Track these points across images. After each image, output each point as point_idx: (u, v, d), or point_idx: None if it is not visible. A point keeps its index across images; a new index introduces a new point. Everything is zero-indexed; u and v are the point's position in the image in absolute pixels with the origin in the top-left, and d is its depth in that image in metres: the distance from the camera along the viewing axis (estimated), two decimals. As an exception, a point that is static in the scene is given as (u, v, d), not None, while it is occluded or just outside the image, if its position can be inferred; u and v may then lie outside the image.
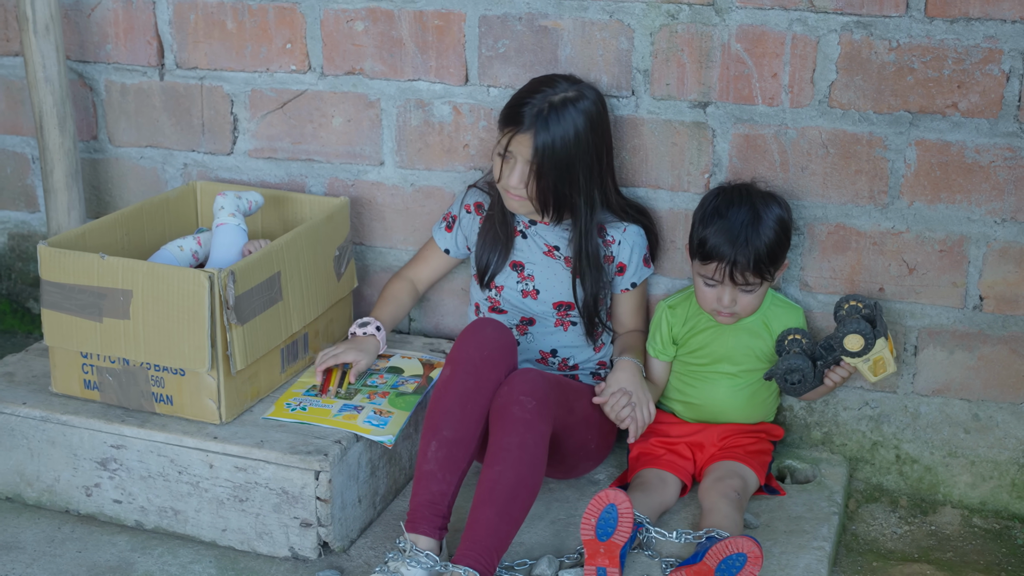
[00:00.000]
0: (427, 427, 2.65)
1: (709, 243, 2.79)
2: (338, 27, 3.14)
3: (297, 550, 2.69)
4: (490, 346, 2.72)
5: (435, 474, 2.61)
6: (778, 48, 2.86)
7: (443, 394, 2.67)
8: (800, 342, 2.88)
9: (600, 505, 2.58)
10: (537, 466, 2.61)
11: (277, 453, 2.64)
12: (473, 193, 3.05)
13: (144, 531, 2.81)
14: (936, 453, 3.05)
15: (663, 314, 3.00)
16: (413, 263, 3.15)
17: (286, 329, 2.88)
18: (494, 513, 2.54)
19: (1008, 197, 2.83)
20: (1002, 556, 2.92)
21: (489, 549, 2.52)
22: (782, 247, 2.82)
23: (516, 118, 2.78)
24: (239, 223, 2.93)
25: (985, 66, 2.75)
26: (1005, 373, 2.95)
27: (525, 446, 2.59)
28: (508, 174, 2.82)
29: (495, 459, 2.59)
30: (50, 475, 2.85)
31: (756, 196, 2.82)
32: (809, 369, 2.83)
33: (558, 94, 2.78)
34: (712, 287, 2.84)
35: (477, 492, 2.58)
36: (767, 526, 2.83)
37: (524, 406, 2.62)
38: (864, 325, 2.77)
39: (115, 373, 2.78)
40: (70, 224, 3.30)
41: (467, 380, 2.67)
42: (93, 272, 2.71)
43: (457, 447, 2.63)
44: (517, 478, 2.57)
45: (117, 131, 3.42)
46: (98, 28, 3.33)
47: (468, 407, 2.65)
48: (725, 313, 2.85)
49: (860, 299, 2.85)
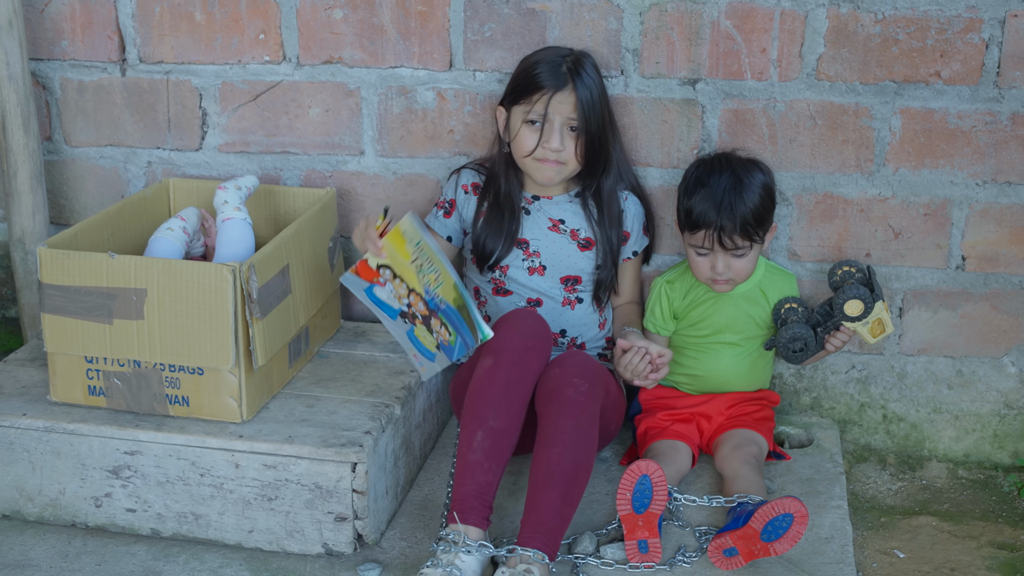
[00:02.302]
0: (471, 417, 2.62)
1: (695, 212, 2.84)
2: (315, 15, 3.08)
3: (331, 546, 2.64)
4: (533, 336, 2.71)
5: (481, 464, 2.58)
6: (767, 23, 2.93)
7: (488, 384, 2.64)
8: (796, 310, 2.96)
9: (633, 478, 2.60)
10: (592, 447, 2.62)
11: (310, 448, 2.58)
12: (467, 174, 3.03)
13: (162, 539, 2.71)
14: (921, 410, 3.18)
15: (661, 289, 3.04)
16: None
17: (295, 323, 2.82)
18: (557, 496, 2.53)
19: (988, 160, 2.96)
20: (994, 503, 3.05)
21: (553, 531, 2.52)
22: (767, 208, 2.88)
23: (550, 79, 2.81)
24: (244, 216, 2.86)
25: (966, 35, 2.88)
26: (986, 329, 3.09)
27: (580, 427, 2.60)
28: (547, 139, 2.82)
29: (551, 441, 2.59)
30: (54, 488, 2.72)
31: (736, 162, 2.89)
32: (811, 336, 2.90)
33: (568, 53, 2.86)
34: (704, 255, 2.89)
35: (533, 475, 2.57)
36: (782, 490, 2.90)
37: (578, 388, 2.63)
38: (863, 290, 2.85)
39: (124, 377, 2.67)
40: (35, 228, 3.15)
41: (512, 371, 2.65)
42: (102, 272, 2.60)
43: (502, 437, 2.61)
44: (575, 460, 2.57)
45: (74, 131, 3.28)
46: (52, 24, 3.18)
47: (512, 397, 2.63)
48: (721, 280, 2.91)
49: (852, 263, 2.95)
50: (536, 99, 2.82)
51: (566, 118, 2.82)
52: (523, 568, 2.45)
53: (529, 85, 2.83)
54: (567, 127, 2.83)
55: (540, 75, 2.82)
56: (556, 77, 2.81)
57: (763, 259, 3.03)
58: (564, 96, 2.81)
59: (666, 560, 2.63)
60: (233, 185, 2.92)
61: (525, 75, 2.85)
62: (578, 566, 2.60)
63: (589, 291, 3.00)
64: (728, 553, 2.58)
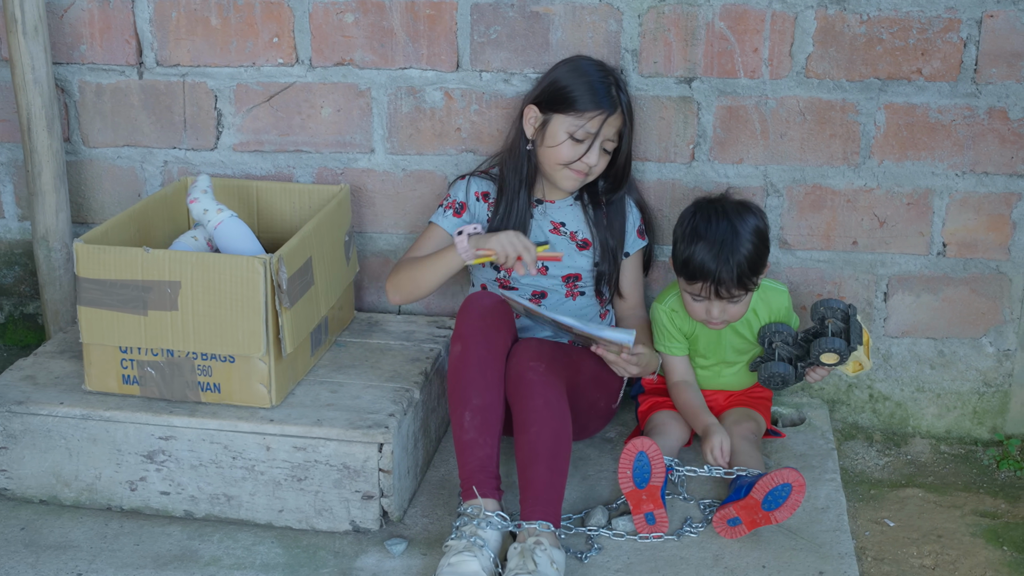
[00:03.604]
0: (455, 401, 2.79)
1: (692, 264, 2.90)
2: (327, 20, 3.22)
3: (359, 523, 2.78)
4: (491, 314, 2.87)
5: (476, 441, 2.75)
6: (759, 25, 3.10)
7: (461, 367, 2.80)
8: (783, 345, 3.03)
9: (631, 456, 2.77)
10: (566, 418, 2.78)
11: (339, 430, 2.73)
12: (477, 182, 3.14)
13: (195, 520, 2.84)
14: (905, 389, 3.36)
15: (667, 317, 3.09)
16: (416, 252, 3.09)
17: (317, 313, 2.96)
18: (544, 468, 2.70)
19: (967, 152, 3.14)
20: (975, 476, 3.24)
21: (551, 501, 2.68)
22: (762, 257, 2.93)
23: (606, 100, 2.95)
24: (230, 213, 2.98)
25: (946, 34, 3.06)
26: (966, 311, 3.28)
27: (549, 403, 2.76)
28: (588, 155, 2.96)
29: (527, 422, 2.75)
30: (90, 473, 2.85)
31: (731, 210, 2.93)
32: (791, 374, 3.01)
33: (609, 71, 3.01)
34: (700, 301, 2.97)
35: (519, 457, 2.74)
36: (778, 464, 3.06)
37: (536, 370, 2.79)
38: (839, 343, 2.92)
39: (157, 366, 2.81)
40: (58, 226, 3.28)
41: (479, 349, 2.81)
42: (137, 266, 2.73)
43: (489, 412, 2.77)
44: (553, 432, 2.73)
45: (92, 132, 3.40)
46: (71, 29, 3.31)
47: (487, 373, 2.79)
48: (716, 323, 3.01)
49: (834, 304, 3.00)
50: (591, 117, 2.94)
51: (606, 139, 2.98)
52: (533, 541, 2.61)
53: (582, 101, 2.95)
54: (603, 146, 2.99)
55: (598, 95, 2.95)
56: (609, 99, 2.96)
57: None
58: (613, 119, 2.97)
59: (673, 531, 2.80)
60: (200, 192, 3.03)
61: (578, 89, 2.95)
62: (591, 538, 2.77)
63: (590, 286, 3.15)
64: (732, 523, 2.75)
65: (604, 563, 2.69)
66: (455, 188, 3.17)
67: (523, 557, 2.56)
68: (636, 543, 2.76)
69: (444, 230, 3.13)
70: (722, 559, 2.70)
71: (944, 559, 2.85)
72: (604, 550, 2.73)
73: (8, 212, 3.53)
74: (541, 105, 3.00)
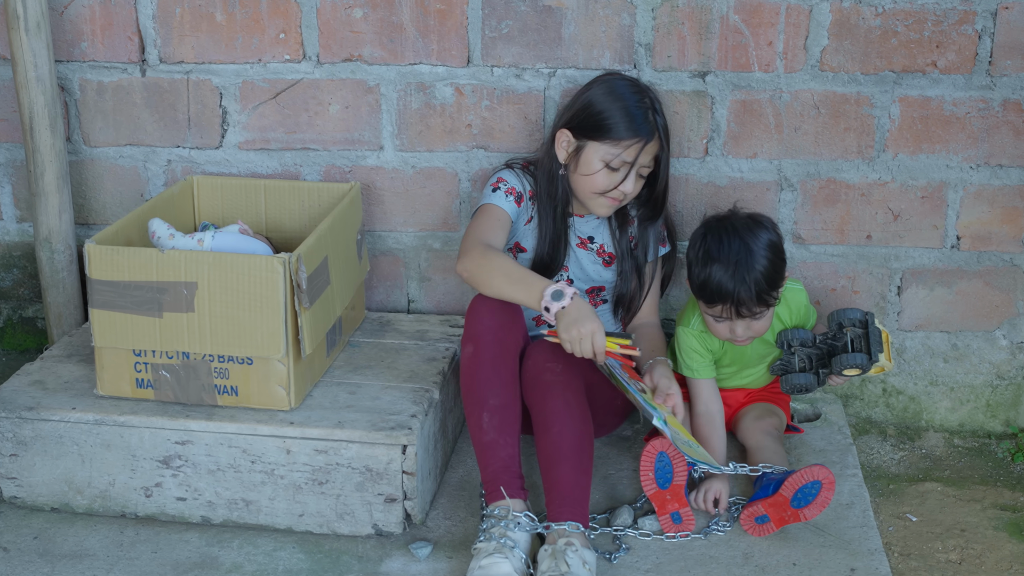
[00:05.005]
0: (471, 402, 2.74)
1: (709, 288, 2.83)
2: (335, 15, 3.17)
3: (381, 526, 2.73)
4: (501, 313, 2.81)
5: (497, 441, 2.71)
6: (773, 18, 3.08)
7: (475, 368, 2.76)
8: (802, 349, 3.00)
9: (652, 456, 2.74)
10: (586, 418, 2.74)
11: (361, 432, 2.68)
12: (528, 180, 3.03)
13: (212, 526, 2.78)
14: (919, 383, 3.35)
15: (697, 341, 3.01)
16: (488, 230, 2.89)
17: (333, 313, 2.91)
18: (569, 468, 2.66)
19: (982, 144, 3.13)
20: (990, 469, 3.24)
21: (578, 501, 2.64)
22: (779, 271, 2.86)
23: (644, 128, 2.85)
24: (210, 233, 2.85)
25: (960, 26, 3.05)
26: (979, 304, 3.27)
27: (569, 404, 2.72)
28: (626, 183, 2.88)
29: (548, 424, 2.71)
30: (103, 480, 2.78)
31: (742, 227, 2.85)
32: (813, 383, 3.00)
33: (645, 92, 2.91)
34: (722, 322, 2.90)
35: (541, 458, 2.70)
36: (799, 460, 3.05)
37: (553, 371, 2.75)
38: (861, 359, 2.89)
39: (172, 369, 2.75)
40: (61, 227, 3.21)
41: (492, 348, 2.77)
42: (152, 267, 2.67)
43: (506, 411, 2.73)
44: (575, 432, 2.69)
45: (93, 131, 3.33)
46: (72, 26, 3.23)
47: (502, 372, 2.75)
48: (741, 340, 2.94)
49: (852, 314, 2.95)
50: (627, 146, 2.85)
51: (642, 166, 2.90)
52: (564, 542, 2.57)
53: (618, 128, 2.85)
54: (639, 172, 2.91)
55: (635, 121, 2.85)
56: (647, 125, 2.86)
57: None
58: (651, 147, 2.88)
59: (699, 529, 2.77)
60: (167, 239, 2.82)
61: (614, 116, 2.86)
62: (619, 538, 2.73)
63: (611, 298, 3.12)
64: (760, 520, 2.73)
65: (633, 563, 2.66)
66: (508, 175, 3.01)
67: (555, 559, 2.52)
68: (664, 543, 2.73)
69: (507, 212, 2.96)
70: (752, 557, 2.67)
71: (969, 553, 2.84)
72: (632, 550, 2.70)
73: (7, 214, 3.44)
74: (575, 130, 2.90)
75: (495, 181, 3.00)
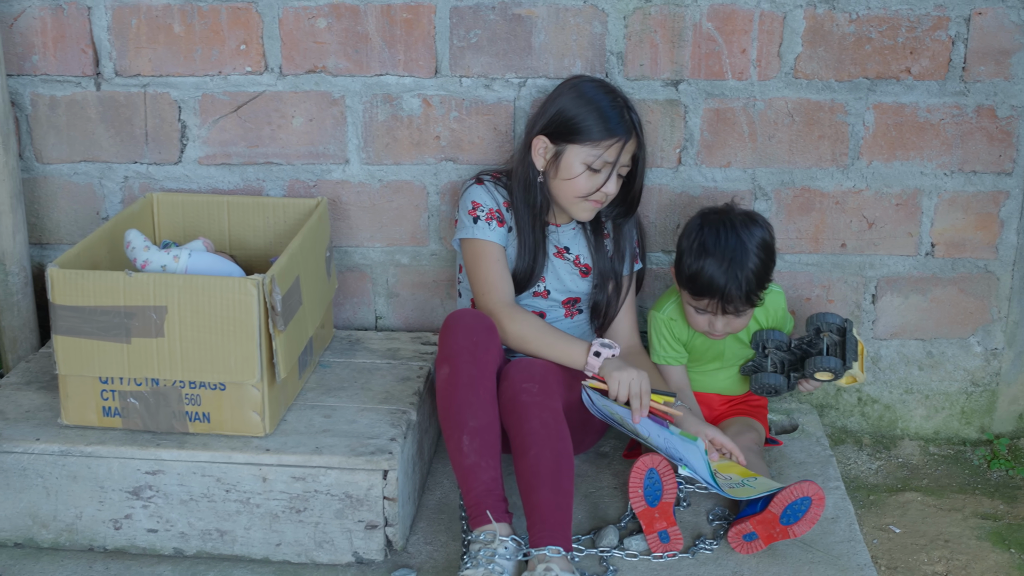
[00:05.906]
0: (450, 425, 2.66)
1: (700, 280, 2.83)
2: (298, 25, 3.08)
3: (362, 554, 2.65)
4: (477, 332, 2.75)
5: (479, 464, 2.63)
6: (747, 25, 3.04)
7: (453, 389, 2.68)
8: (776, 352, 2.98)
9: (641, 473, 2.68)
10: (565, 439, 2.67)
11: (340, 457, 2.59)
12: (501, 191, 2.96)
13: (186, 557, 2.68)
14: (894, 392, 3.33)
15: (665, 327, 3.02)
16: (498, 280, 2.90)
17: (305, 334, 2.82)
18: (548, 491, 2.59)
19: (955, 151, 3.12)
20: (968, 477, 3.22)
21: (559, 523, 2.57)
22: (768, 271, 2.87)
23: (621, 127, 2.82)
24: (188, 250, 2.75)
25: (934, 32, 3.03)
26: (954, 311, 3.25)
27: (546, 424, 2.66)
28: (609, 184, 2.84)
29: (525, 446, 2.64)
30: (70, 513, 2.67)
31: (739, 223, 2.86)
32: (783, 385, 2.97)
33: (618, 94, 2.87)
34: (703, 314, 2.90)
35: (521, 482, 2.62)
36: (780, 473, 3.00)
37: (529, 391, 2.69)
38: (835, 363, 2.88)
39: (141, 396, 2.64)
40: (15, 249, 3.08)
41: (470, 368, 2.70)
42: (119, 291, 2.56)
43: (487, 432, 2.66)
44: (554, 454, 2.63)
45: (45, 147, 3.20)
46: (22, 38, 3.11)
47: (480, 393, 2.68)
48: (717, 335, 2.94)
49: (831, 319, 2.94)
50: (608, 146, 2.81)
51: (622, 165, 2.86)
52: (543, 568, 2.50)
53: (597, 129, 2.82)
54: (624, 170, 2.88)
55: (611, 121, 2.82)
56: (624, 124, 2.83)
57: None
58: (630, 145, 2.84)
59: (687, 548, 2.72)
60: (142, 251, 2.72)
61: (590, 117, 2.82)
62: (605, 559, 2.67)
63: (588, 307, 3.06)
64: (748, 538, 2.68)
65: (622, 586, 2.61)
66: (480, 194, 2.94)
67: (535, 585, 2.46)
68: (651, 563, 2.67)
69: (500, 246, 2.92)
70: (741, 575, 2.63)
71: (955, 564, 2.82)
72: (619, 572, 2.64)
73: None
74: (552, 136, 2.86)
75: (471, 207, 2.93)
